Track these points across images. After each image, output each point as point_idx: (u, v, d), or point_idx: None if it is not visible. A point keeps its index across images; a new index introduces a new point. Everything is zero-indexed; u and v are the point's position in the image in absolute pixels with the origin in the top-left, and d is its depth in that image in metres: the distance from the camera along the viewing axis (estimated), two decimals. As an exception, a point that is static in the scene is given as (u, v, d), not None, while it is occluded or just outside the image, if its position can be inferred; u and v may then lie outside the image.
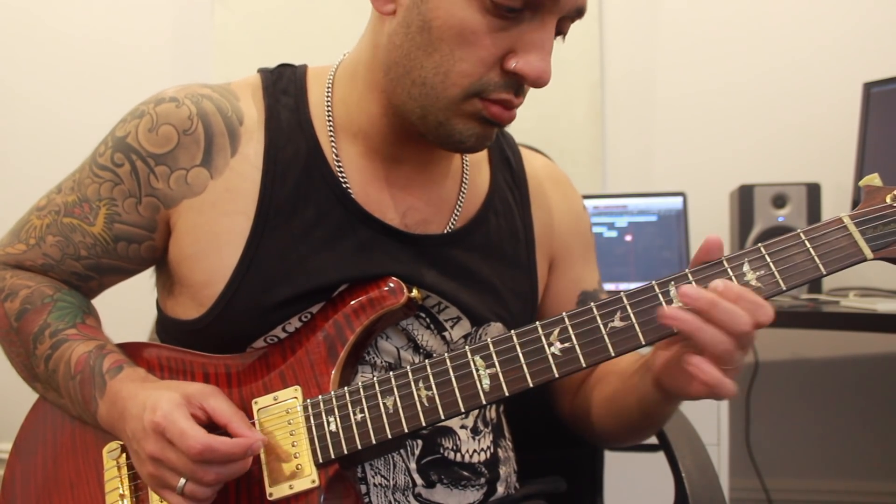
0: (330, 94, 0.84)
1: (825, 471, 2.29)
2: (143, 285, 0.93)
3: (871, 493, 2.25)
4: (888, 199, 0.69)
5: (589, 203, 2.02)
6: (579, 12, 0.74)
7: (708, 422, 1.80)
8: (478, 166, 0.91)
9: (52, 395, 0.84)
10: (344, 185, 0.81)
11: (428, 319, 0.83)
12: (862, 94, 1.89)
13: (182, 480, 0.70)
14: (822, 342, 2.24)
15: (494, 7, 0.69)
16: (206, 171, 0.80)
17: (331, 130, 0.83)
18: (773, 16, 2.27)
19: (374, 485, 0.80)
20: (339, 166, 0.82)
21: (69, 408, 0.83)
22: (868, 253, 0.67)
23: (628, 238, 2.06)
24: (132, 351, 0.84)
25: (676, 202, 2.05)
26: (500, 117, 0.74)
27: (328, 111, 0.84)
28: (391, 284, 0.79)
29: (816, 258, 0.67)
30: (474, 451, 0.85)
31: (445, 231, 0.85)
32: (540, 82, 0.72)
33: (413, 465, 0.82)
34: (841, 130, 2.09)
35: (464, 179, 0.89)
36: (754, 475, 2.15)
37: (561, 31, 0.75)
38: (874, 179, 0.71)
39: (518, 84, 0.73)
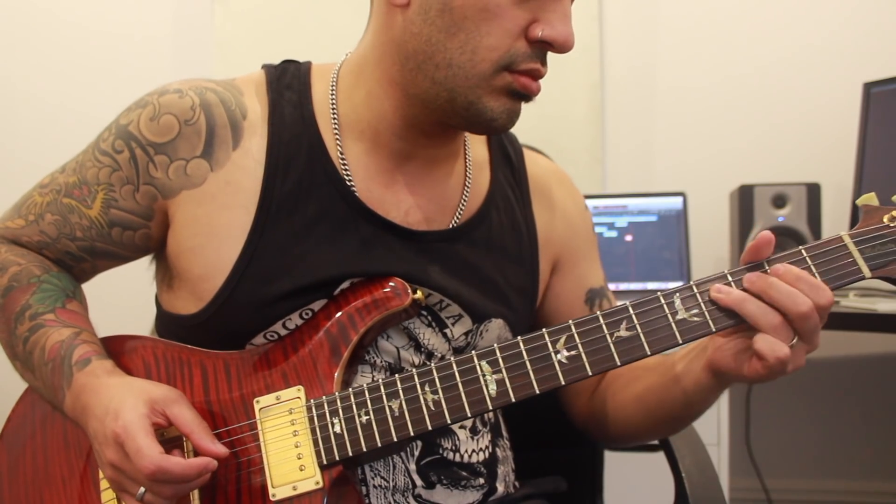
0: (334, 93, 0.84)
1: (825, 471, 2.29)
2: (143, 281, 0.93)
3: (871, 493, 2.25)
4: (885, 220, 0.72)
5: (589, 203, 2.01)
6: None
7: (708, 422, 1.80)
8: (480, 165, 0.91)
9: (29, 376, 0.84)
10: (347, 181, 0.82)
11: (430, 317, 0.83)
12: (862, 94, 1.89)
13: (142, 489, 0.71)
14: (822, 342, 2.23)
15: None
16: (207, 163, 0.81)
17: (335, 127, 0.83)
18: (773, 16, 2.27)
19: (374, 486, 0.80)
20: (343, 162, 0.82)
21: (42, 392, 0.83)
22: (867, 272, 0.70)
23: (628, 238, 2.06)
24: (129, 344, 0.84)
25: (676, 202, 2.05)
26: (529, 88, 0.76)
27: (333, 108, 0.84)
28: (394, 285, 0.79)
29: (817, 275, 0.70)
30: (473, 450, 0.86)
31: (448, 228, 0.85)
32: (567, 46, 0.75)
33: (413, 466, 0.82)
34: (841, 130, 2.09)
35: (467, 179, 0.89)
36: (754, 475, 2.15)
37: None
38: (871, 199, 0.74)
39: (543, 53, 0.76)
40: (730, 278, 0.71)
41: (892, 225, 0.71)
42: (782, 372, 0.70)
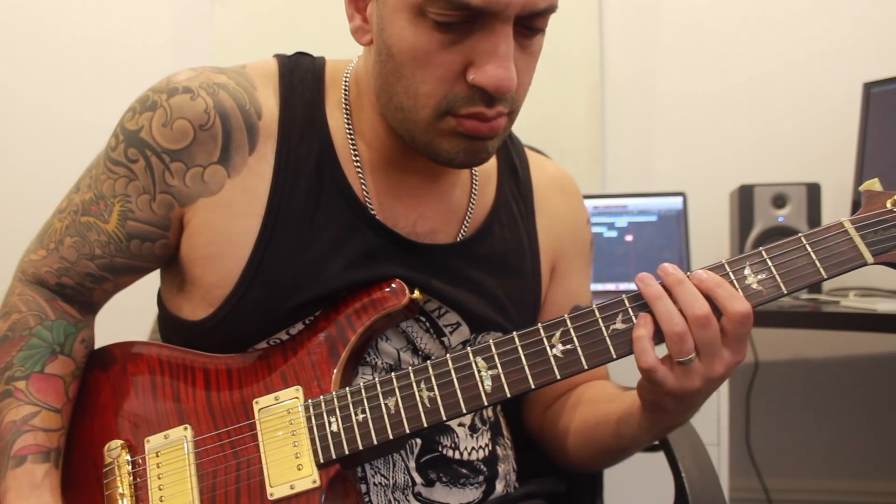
0: (347, 99, 0.84)
1: (825, 471, 2.29)
2: (144, 281, 0.93)
3: (871, 493, 2.25)
4: (888, 204, 0.69)
5: (589, 203, 2.02)
6: (537, 12, 0.69)
7: (708, 422, 1.80)
8: (487, 176, 0.91)
9: None
10: (355, 191, 0.81)
11: (427, 323, 0.83)
12: (862, 94, 1.89)
13: None
14: (822, 342, 2.24)
15: (438, 25, 0.68)
16: (224, 170, 0.79)
17: (349, 131, 0.83)
18: (773, 16, 2.27)
19: (374, 484, 0.80)
20: (357, 166, 0.82)
21: None
22: (869, 257, 0.68)
23: (628, 238, 2.06)
24: (134, 350, 0.84)
25: (676, 202, 2.05)
26: (477, 131, 0.72)
27: (346, 112, 0.83)
28: (393, 286, 0.79)
29: (817, 262, 0.68)
30: (472, 448, 0.86)
31: (455, 240, 0.85)
32: (500, 91, 0.69)
33: (412, 464, 0.82)
34: (841, 130, 2.09)
35: (473, 189, 0.88)
36: (754, 475, 2.15)
37: (531, 27, 0.71)
38: (874, 184, 0.72)
39: (487, 95, 0.70)
40: (727, 269, 0.70)
41: (895, 210, 0.68)
42: (661, 390, 0.69)
